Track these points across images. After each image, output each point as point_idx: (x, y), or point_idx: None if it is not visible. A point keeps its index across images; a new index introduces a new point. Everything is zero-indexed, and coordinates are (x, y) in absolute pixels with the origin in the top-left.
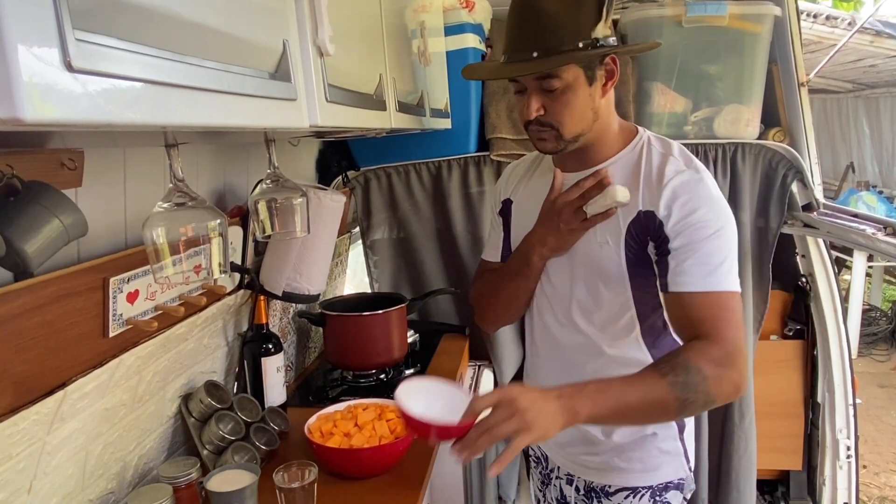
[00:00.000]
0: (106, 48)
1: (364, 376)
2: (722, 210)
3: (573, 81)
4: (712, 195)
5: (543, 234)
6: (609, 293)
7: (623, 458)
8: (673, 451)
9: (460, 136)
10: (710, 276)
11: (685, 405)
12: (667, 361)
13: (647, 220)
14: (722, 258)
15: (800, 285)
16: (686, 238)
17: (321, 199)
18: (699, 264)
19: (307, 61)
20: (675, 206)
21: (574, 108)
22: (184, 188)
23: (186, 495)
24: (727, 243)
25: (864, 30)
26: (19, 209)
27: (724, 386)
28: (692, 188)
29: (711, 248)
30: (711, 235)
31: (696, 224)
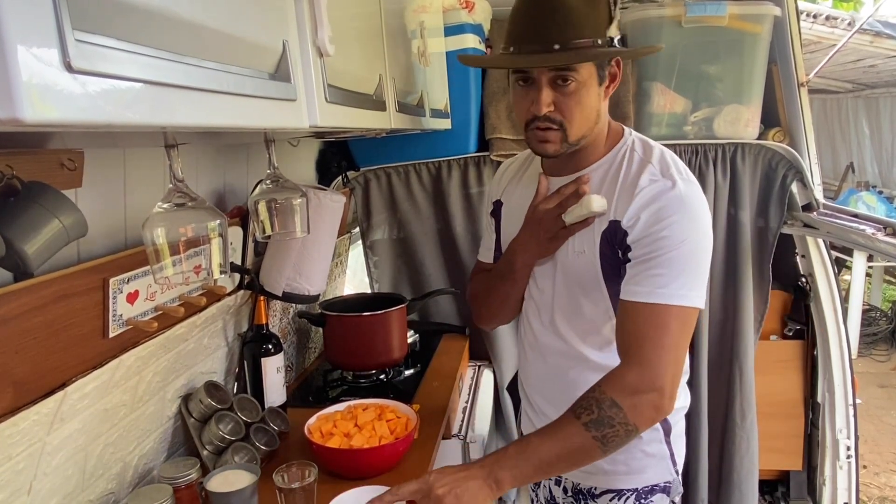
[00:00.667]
0: (105, 49)
1: (364, 376)
2: (690, 222)
3: (587, 79)
4: (684, 205)
5: (526, 240)
6: (589, 302)
7: (607, 461)
8: (658, 454)
9: (460, 136)
10: (660, 289)
11: (606, 442)
12: (583, 399)
13: (615, 229)
14: (678, 271)
15: (800, 285)
16: (645, 248)
17: (321, 200)
18: (652, 276)
19: (307, 62)
20: (641, 216)
21: (585, 106)
22: (184, 188)
23: (186, 496)
24: (690, 256)
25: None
26: (19, 209)
27: (643, 412)
28: (661, 199)
29: (669, 259)
30: (673, 247)
31: (656, 235)
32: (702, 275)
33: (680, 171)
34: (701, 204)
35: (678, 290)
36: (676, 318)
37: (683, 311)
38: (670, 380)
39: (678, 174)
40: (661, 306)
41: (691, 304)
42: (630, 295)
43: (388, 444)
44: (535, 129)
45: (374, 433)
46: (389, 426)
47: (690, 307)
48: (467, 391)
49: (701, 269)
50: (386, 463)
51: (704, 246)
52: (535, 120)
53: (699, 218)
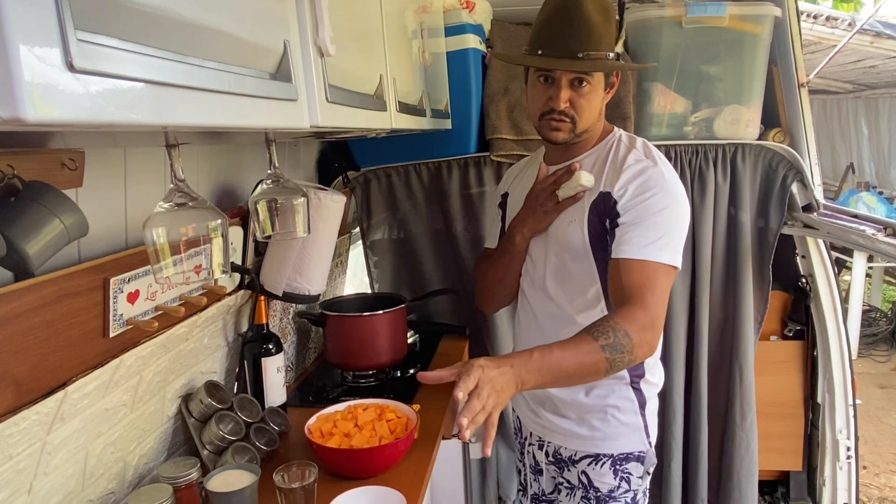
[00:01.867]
0: (107, 48)
1: (364, 377)
2: (670, 193)
3: (598, 84)
4: (665, 180)
5: (524, 216)
6: (575, 266)
7: (585, 426)
8: (632, 424)
9: (460, 136)
10: (647, 247)
11: (613, 364)
12: (599, 325)
13: (605, 199)
14: (662, 233)
15: (800, 286)
16: (633, 214)
17: (321, 200)
18: (639, 236)
19: (308, 62)
20: (629, 188)
21: (593, 106)
22: (184, 188)
23: (186, 495)
24: (671, 222)
25: (864, 30)
26: (20, 209)
27: (644, 347)
28: (645, 173)
29: (653, 223)
30: (656, 213)
31: (643, 202)
32: (680, 240)
33: (660, 156)
34: (678, 182)
35: (662, 250)
36: (662, 272)
37: (666, 268)
38: (661, 325)
39: (658, 158)
40: (651, 262)
41: (672, 262)
42: (622, 253)
43: (388, 444)
44: (549, 119)
45: (374, 433)
46: (389, 426)
47: (671, 265)
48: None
49: (679, 236)
50: (386, 463)
51: (683, 216)
52: (552, 112)
53: (678, 192)
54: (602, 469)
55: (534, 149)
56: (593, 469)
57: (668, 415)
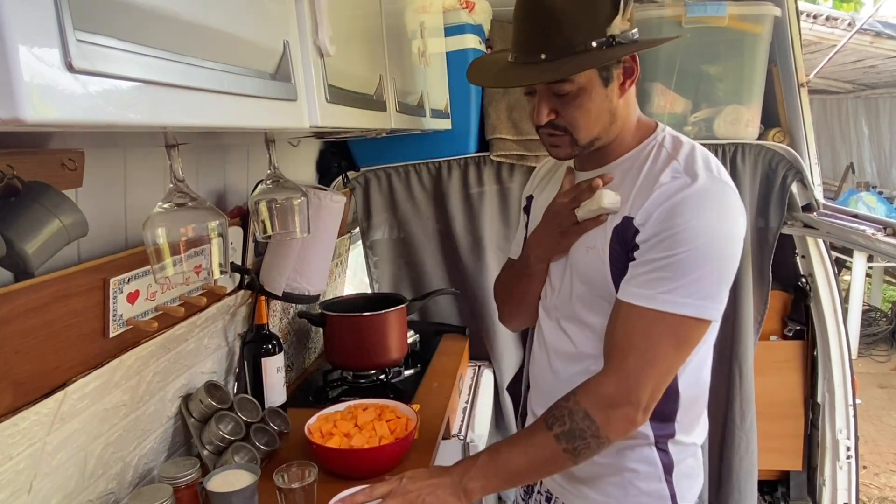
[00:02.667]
0: (107, 49)
1: (364, 377)
2: (707, 222)
3: (587, 84)
4: (701, 204)
5: (540, 235)
6: (596, 302)
7: (598, 490)
8: (655, 492)
9: (460, 136)
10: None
11: (577, 454)
12: (555, 409)
13: (626, 225)
14: (682, 276)
15: (800, 286)
16: (651, 247)
17: (321, 200)
18: (651, 279)
19: (307, 62)
20: (653, 216)
21: (588, 111)
22: (184, 188)
23: (186, 496)
24: (699, 261)
25: (863, 30)
26: (20, 210)
27: (616, 425)
28: (676, 195)
29: (673, 262)
30: (679, 249)
31: (666, 234)
32: (715, 283)
33: (710, 168)
34: (726, 204)
35: (678, 297)
36: (669, 327)
37: (680, 322)
38: (648, 394)
39: (705, 171)
40: (654, 312)
41: (693, 314)
42: (624, 294)
43: (388, 444)
44: (543, 135)
45: (374, 433)
46: (389, 426)
47: (691, 318)
48: (467, 391)
49: (715, 277)
50: (386, 463)
51: (723, 251)
52: (541, 127)
53: (721, 219)
54: None
55: (535, 149)
56: None
57: None
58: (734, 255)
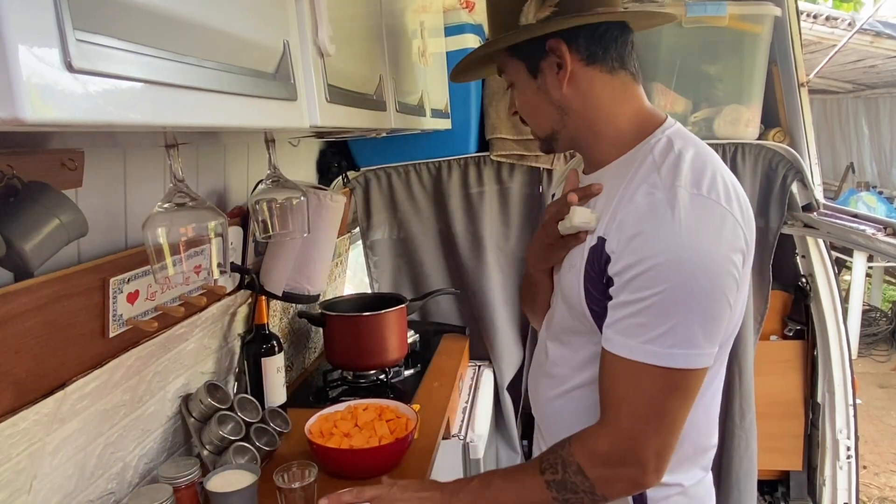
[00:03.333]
0: (106, 48)
1: (364, 377)
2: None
3: (516, 77)
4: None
5: (532, 243)
6: (576, 326)
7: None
8: None
9: (460, 136)
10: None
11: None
12: (550, 454)
13: (599, 249)
14: (664, 322)
15: (800, 285)
16: (625, 285)
17: (321, 200)
18: (632, 324)
19: (307, 61)
20: (622, 244)
21: (527, 104)
22: (184, 188)
23: (186, 496)
24: (683, 303)
25: (863, 30)
26: (20, 209)
27: (615, 486)
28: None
29: (653, 305)
30: (658, 289)
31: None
32: (703, 324)
33: (699, 184)
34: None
35: (662, 348)
36: (661, 380)
37: (671, 374)
38: (654, 452)
39: (690, 187)
40: (641, 365)
41: (683, 365)
42: (607, 342)
43: (388, 444)
44: None
45: (374, 433)
46: (389, 426)
47: (682, 369)
48: (467, 391)
49: (701, 318)
50: (386, 463)
51: (708, 286)
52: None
53: (702, 247)
54: None
55: (535, 149)
56: None
57: None
58: (723, 287)
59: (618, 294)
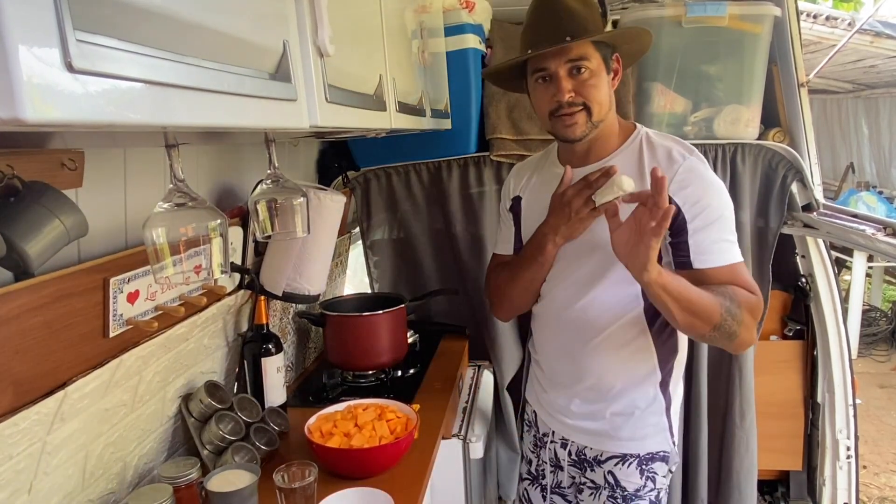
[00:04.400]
0: (106, 49)
1: (364, 377)
2: (724, 193)
3: (597, 67)
4: (716, 180)
5: (556, 223)
6: (620, 283)
7: (612, 427)
8: (658, 424)
9: (460, 136)
10: (728, 252)
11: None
12: (724, 292)
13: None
14: (732, 234)
15: (800, 285)
16: (703, 220)
17: (321, 200)
18: (717, 242)
19: (307, 62)
20: (688, 191)
21: (600, 90)
22: (184, 188)
23: (186, 495)
24: (732, 221)
25: (863, 30)
26: (20, 209)
27: (746, 335)
28: (700, 174)
29: (724, 227)
30: (721, 217)
31: (708, 207)
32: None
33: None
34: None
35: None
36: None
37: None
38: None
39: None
40: (736, 265)
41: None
42: (705, 263)
43: (388, 444)
44: (561, 115)
45: (375, 433)
46: (389, 426)
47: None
48: (467, 391)
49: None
50: (386, 463)
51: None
52: (560, 108)
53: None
54: (629, 469)
55: (534, 148)
56: (620, 469)
57: None
58: None
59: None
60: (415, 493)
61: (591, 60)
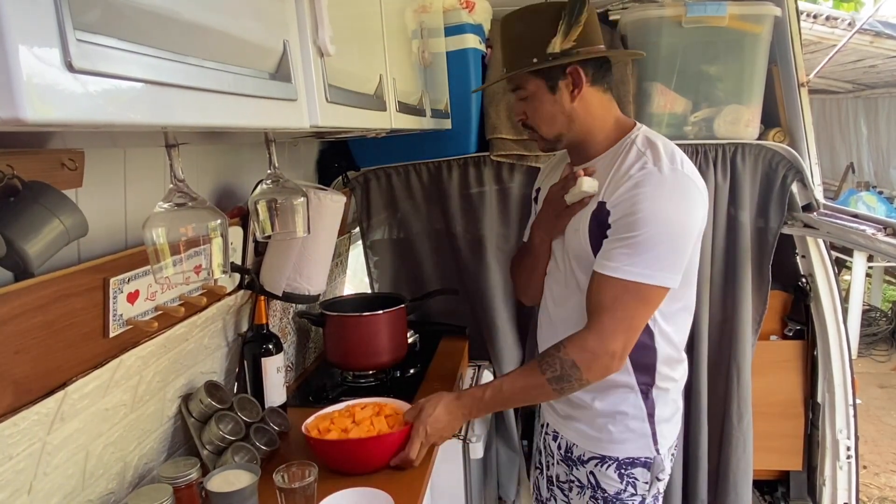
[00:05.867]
0: (107, 48)
1: (364, 377)
2: (666, 205)
3: (536, 91)
4: (662, 190)
5: (541, 218)
6: (582, 276)
7: (595, 427)
8: (639, 430)
9: (460, 136)
10: (618, 263)
11: (561, 391)
12: (548, 356)
13: (601, 209)
14: (642, 252)
15: (800, 285)
16: (619, 227)
17: (321, 200)
18: (618, 253)
19: (307, 62)
20: (623, 199)
21: (542, 113)
22: (184, 188)
23: (186, 495)
24: (658, 239)
25: (863, 30)
26: (20, 209)
27: (596, 371)
28: (642, 183)
29: (636, 240)
30: (641, 229)
31: (631, 216)
32: (671, 256)
33: (674, 161)
34: (685, 190)
35: (639, 269)
36: (634, 293)
37: (642, 288)
38: (621, 346)
39: (669, 162)
40: (621, 281)
41: (653, 282)
42: (598, 266)
43: (385, 434)
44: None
45: (373, 427)
46: (388, 422)
47: (651, 285)
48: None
49: (670, 253)
50: (384, 455)
51: (677, 232)
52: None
53: (679, 202)
54: (608, 471)
55: (534, 149)
56: (599, 470)
57: None
58: (689, 234)
59: (613, 234)
60: (415, 493)
61: (527, 87)
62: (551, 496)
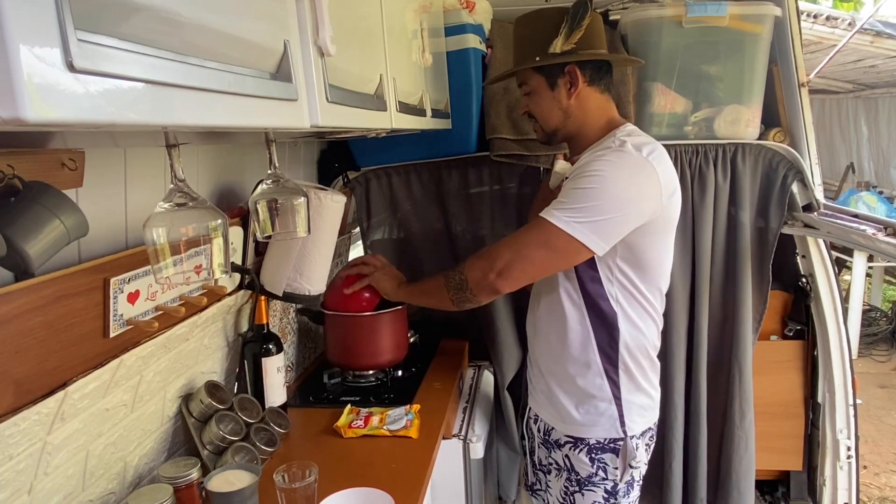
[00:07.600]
0: (107, 48)
1: (364, 377)
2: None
3: (536, 87)
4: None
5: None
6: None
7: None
8: (606, 412)
9: (460, 136)
10: (553, 208)
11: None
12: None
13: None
14: (571, 203)
15: (800, 285)
16: (570, 180)
17: (322, 200)
18: (558, 200)
19: (308, 61)
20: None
21: (541, 107)
22: (184, 188)
23: (186, 496)
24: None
25: (864, 30)
26: (20, 209)
27: (481, 287)
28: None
29: (571, 193)
30: (581, 186)
31: (583, 173)
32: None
33: (642, 149)
34: (641, 170)
35: (562, 215)
36: (544, 232)
37: (553, 230)
38: (503, 263)
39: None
40: (542, 220)
41: (566, 229)
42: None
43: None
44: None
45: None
46: None
47: (564, 232)
48: (467, 391)
49: (601, 213)
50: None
51: (618, 200)
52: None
53: (631, 177)
54: (580, 455)
55: (534, 149)
56: (573, 453)
57: (669, 415)
58: (627, 209)
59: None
60: (415, 493)
61: (530, 83)
62: (537, 480)
